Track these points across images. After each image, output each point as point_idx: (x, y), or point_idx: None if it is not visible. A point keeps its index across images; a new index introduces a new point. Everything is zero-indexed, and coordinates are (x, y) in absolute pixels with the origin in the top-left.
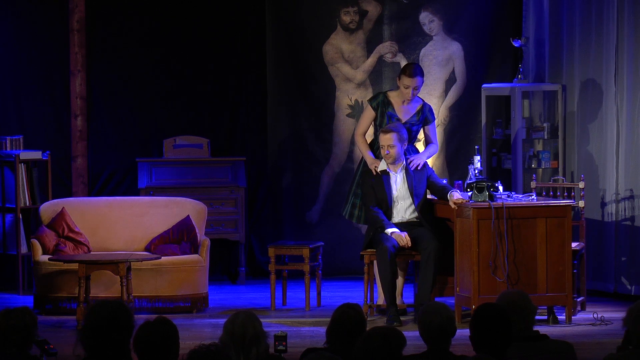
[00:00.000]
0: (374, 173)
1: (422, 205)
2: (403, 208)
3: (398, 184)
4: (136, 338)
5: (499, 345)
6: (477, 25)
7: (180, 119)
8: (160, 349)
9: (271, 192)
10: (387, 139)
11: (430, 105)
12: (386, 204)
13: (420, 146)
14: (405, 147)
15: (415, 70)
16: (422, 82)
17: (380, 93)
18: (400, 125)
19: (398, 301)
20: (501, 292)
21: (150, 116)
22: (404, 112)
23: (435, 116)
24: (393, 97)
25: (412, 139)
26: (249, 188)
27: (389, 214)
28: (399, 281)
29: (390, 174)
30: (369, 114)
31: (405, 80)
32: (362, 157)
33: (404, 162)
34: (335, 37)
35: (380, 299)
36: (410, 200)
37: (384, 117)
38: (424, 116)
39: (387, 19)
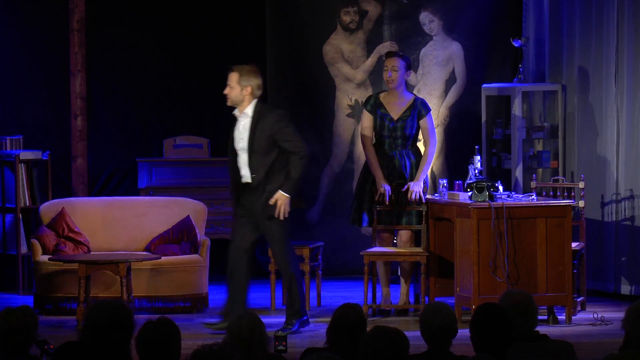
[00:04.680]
0: (379, 199)
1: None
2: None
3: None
4: (138, 337)
5: (499, 346)
6: (477, 25)
7: (180, 119)
8: (162, 349)
9: None
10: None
11: (422, 99)
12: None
13: (420, 146)
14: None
15: (394, 52)
16: (404, 65)
17: (371, 96)
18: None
19: (402, 302)
20: (504, 292)
21: (150, 116)
22: (395, 109)
23: (435, 116)
24: (383, 97)
25: (411, 139)
26: None
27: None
28: (404, 285)
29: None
30: (367, 117)
31: (385, 62)
32: (365, 162)
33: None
34: (335, 37)
35: (382, 299)
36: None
37: (376, 118)
38: (417, 110)
39: (387, 19)
